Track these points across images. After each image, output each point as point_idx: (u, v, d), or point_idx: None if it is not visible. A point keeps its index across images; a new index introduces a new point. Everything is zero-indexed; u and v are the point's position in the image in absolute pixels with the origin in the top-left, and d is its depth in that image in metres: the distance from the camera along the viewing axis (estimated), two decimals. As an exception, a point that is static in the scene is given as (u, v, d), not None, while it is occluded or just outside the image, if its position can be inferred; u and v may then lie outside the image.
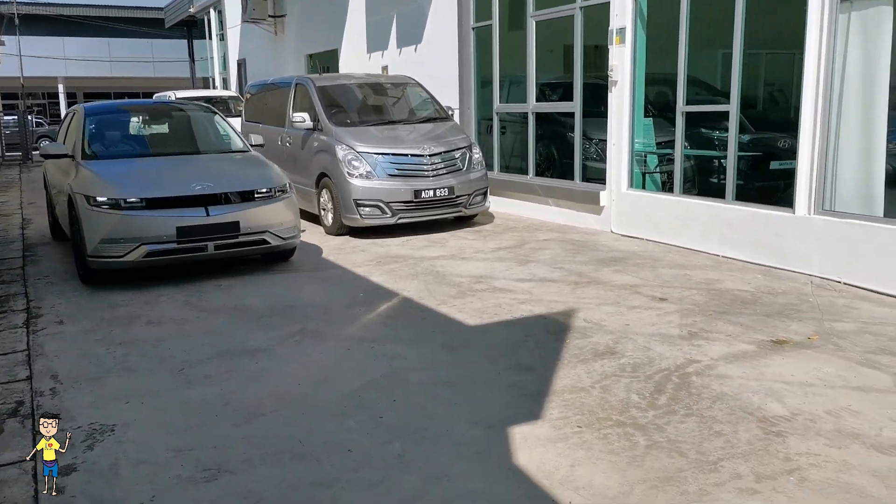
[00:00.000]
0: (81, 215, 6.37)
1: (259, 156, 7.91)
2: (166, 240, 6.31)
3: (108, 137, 7.84)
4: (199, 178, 6.71)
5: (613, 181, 8.63)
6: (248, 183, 6.90)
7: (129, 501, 3.08)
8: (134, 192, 6.42)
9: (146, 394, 4.20)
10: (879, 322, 5.18)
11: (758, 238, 6.92)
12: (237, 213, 6.59)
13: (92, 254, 6.32)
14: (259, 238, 6.73)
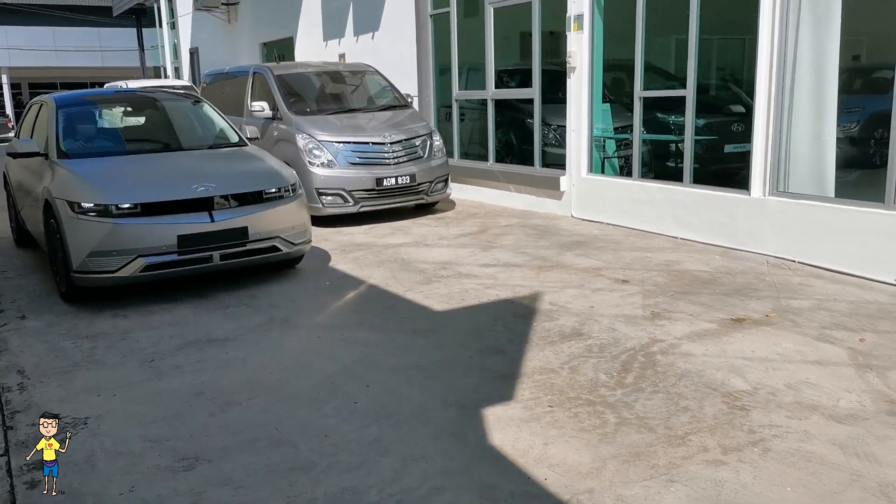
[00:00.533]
0: (64, 224, 5.44)
1: (260, 150, 7.13)
2: (166, 250, 5.45)
3: (86, 132, 6.90)
4: (198, 178, 5.85)
5: (573, 166, 8.75)
6: (256, 182, 6.06)
7: (108, 493, 3.08)
8: (127, 195, 5.52)
9: (117, 386, 4.17)
10: (833, 299, 5.38)
11: (715, 220, 7.10)
12: (245, 218, 5.76)
13: (78, 269, 5.41)
14: (269, 245, 5.91)
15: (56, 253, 5.73)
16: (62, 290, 5.77)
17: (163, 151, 6.72)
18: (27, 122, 7.60)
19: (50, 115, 6.63)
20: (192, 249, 5.54)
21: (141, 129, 7.38)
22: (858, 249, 5.90)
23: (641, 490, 3.00)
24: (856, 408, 3.67)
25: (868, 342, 4.52)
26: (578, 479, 3.10)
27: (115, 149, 6.76)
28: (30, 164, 6.61)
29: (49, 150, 6.29)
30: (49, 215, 5.79)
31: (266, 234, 5.86)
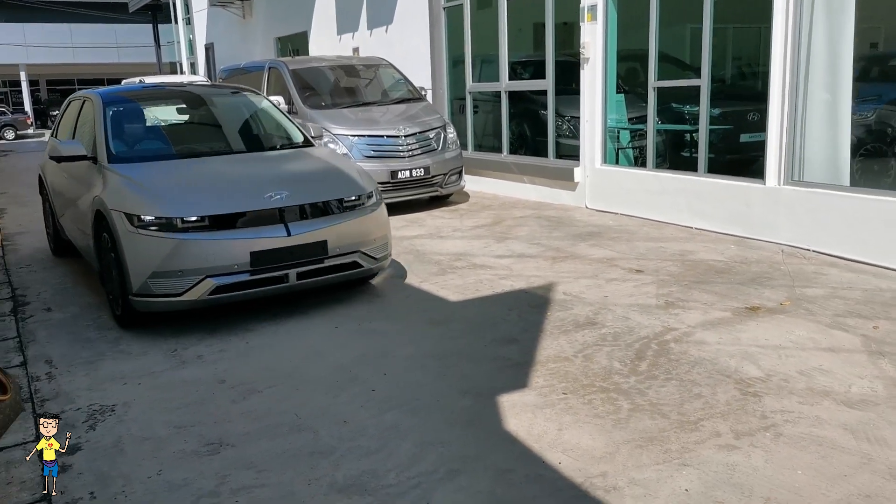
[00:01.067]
0: (122, 240, 4.77)
1: (332, 151, 6.66)
2: (237, 269, 4.77)
3: (137, 133, 6.21)
4: (269, 185, 5.15)
5: (587, 157, 8.79)
6: (334, 189, 5.39)
7: (136, 476, 3.18)
8: (193, 207, 4.85)
9: (142, 375, 4.28)
10: (847, 287, 5.40)
11: (729, 209, 7.12)
12: (324, 231, 5.08)
13: (139, 292, 4.74)
14: (350, 261, 5.23)
15: (109, 271, 5.09)
16: (116, 314, 5.12)
17: (223, 154, 6.05)
18: (66, 121, 6.95)
19: (96, 114, 5.94)
20: (266, 268, 4.85)
21: (196, 128, 6.76)
22: (873, 238, 5.91)
23: (654, 473, 3.06)
24: (867, 393, 3.71)
25: (882, 329, 4.55)
26: (592, 463, 3.16)
27: (170, 151, 6.04)
28: (72, 168, 5.94)
29: (98, 153, 5.60)
30: (101, 228, 5.14)
31: (347, 248, 5.18)
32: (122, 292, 4.88)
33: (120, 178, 5.22)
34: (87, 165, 5.65)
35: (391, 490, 3.02)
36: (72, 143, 5.76)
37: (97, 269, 5.51)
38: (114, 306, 5.16)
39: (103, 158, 5.51)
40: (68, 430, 3.64)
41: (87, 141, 5.88)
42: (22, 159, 19.52)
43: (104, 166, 5.43)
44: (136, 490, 3.08)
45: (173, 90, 7.55)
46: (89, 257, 5.72)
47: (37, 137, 30.38)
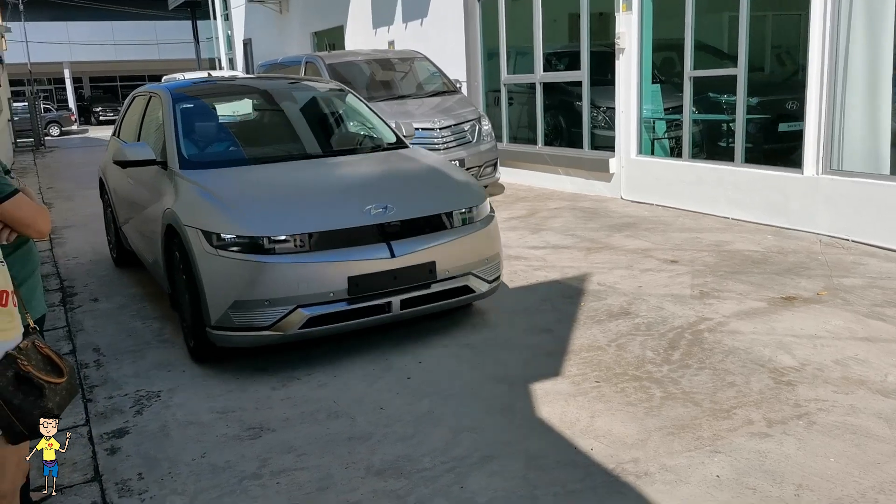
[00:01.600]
0: (198, 262, 4.11)
1: (430, 154, 5.77)
2: (333, 298, 4.07)
3: (213, 134, 5.52)
4: (368, 196, 4.42)
5: (622, 148, 8.76)
6: (443, 199, 4.63)
7: (182, 459, 3.31)
8: (282, 223, 4.13)
9: (186, 363, 4.42)
10: (886, 277, 5.34)
11: (767, 199, 7.06)
12: (432, 250, 4.31)
13: (218, 324, 4.07)
14: (461, 285, 4.48)
15: (182, 295, 4.48)
16: (189, 345, 4.46)
17: (308, 157, 5.28)
18: (130, 120, 6.33)
19: (165, 113, 5.25)
20: (366, 295, 4.16)
21: (276, 127, 5.99)
22: (914, 227, 5.82)
23: (686, 460, 3.10)
24: (904, 383, 3.69)
25: (920, 319, 4.50)
26: (624, 450, 3.21)
27: (249, 155, 5.26)
28: (139, 174, 5.33)
29: (168, 157, 4.94)
30: (173, 245, 4.51)
31: (457, 270, 4.42)
32: (198, 322, 4.20)
33: (195, 187, 4.55)
34: (156, 171, 5.02)
35: (426, 474, 3.10)
36: (138, 146, 5.07)
37: (167, 291, 4.89)
38: (187, 336, 4.50)
39: (174, 164, 4.85)
40: (115, 414, 3.79)
41: (155, 143, 5.27)
42: (66, 155, 20.02)
43: (176, 173, 4.77)
44: (182, 472, 3.20)
45: (247, 84, 6.74)
46: (158, 276, 5.09)
47: (80, 133, 31.10)
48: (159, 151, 5.05)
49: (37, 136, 22.40)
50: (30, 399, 2.23)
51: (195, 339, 4.32)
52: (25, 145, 22.57)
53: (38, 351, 2.29)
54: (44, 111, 29.60)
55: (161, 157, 5.00)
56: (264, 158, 5.12)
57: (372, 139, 5.78)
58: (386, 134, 5.74)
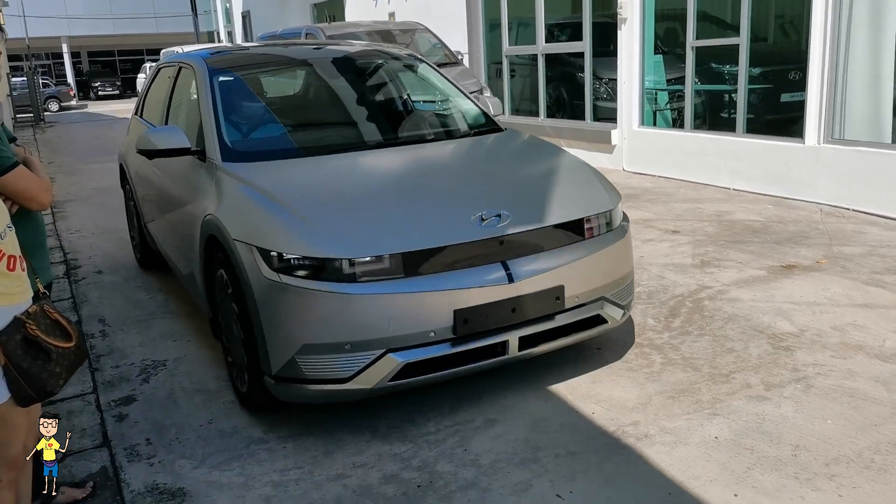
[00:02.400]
0: (255, 291, 3.08)
1: (535, 139, 4.53)
2: (434, 338, 3.07)
3: (261, 116, 4.50)
4: (474, 200, 3.35)
5: (624, 120, 8.75)
6: (570, 204, 3.52)
7: (190, 424, 3.36)
8: (369, 239, 3.11)
9: (191, 333, 4.47)
10: (886, 245, 5.37)
11: (768, 169, 7.06)
12: (559, 271, 3.27)
13: (282, 374, 3.08)
14: (592, 315, 3.44)
15: (229, 328, 3.47)
16: (241, 390, 3.46)
17: (385, 146, 4.16)
18: (155, 97, 5.32)
19: (201, 88, 4.17)
20: (477, 334, 3.13)
21: (341, 107, 4.77)
22: (915, 196, 5.83)
23: (685, 422, 3.15)
24: (902, 348, 3.73)
25: (919, 286, 4.53)
26: (624, 413, 3.26)
27: (312, 143, 4.18)
28: (168, 164, 4.29)
29: (207, 146, 3.87)
30: (215, 261, 3.50)
31: (588, 295, 3.39)
32: (253, 368, 3.21)
33: (246, 188, 3.47)
34: (191, 162, 3.99)
35: (430, 437, 3.15)
36: (167, 132, 4.01)
37: (208, 315, 3.84)
38: (238, 380, 3.49)
39: (215, 154, 3.78)
40: (123, 382, 3.85)
41: (187, 126, 4.28)
42: (67, 130, 19.99)
43: (218, 167, 3.70)
44: (190, 437, 3.26)
45: (300, 52, 5.25)
46: (196, 293, 4.09)
47: (80, 109, 30.99)
48: (194, 137, 4.02)
49: (36, 112, 22.36)
50: (38, 363, 2.27)
51: (250, 385, 3.30)
52: (25, 121, 22.53)
53: (47, 315, 2.33)
54: (42, 86, 29.47)
55: (197, 145, 3.96)
56: (330, 148, 4.02)
57: (457, 121, 4.66)
58: (473, 114, 4.63)
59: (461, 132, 4.49)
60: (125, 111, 25.08)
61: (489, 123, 4.54)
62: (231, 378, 3.64)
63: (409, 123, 4.71)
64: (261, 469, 2.99)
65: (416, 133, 4.50)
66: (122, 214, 6.48)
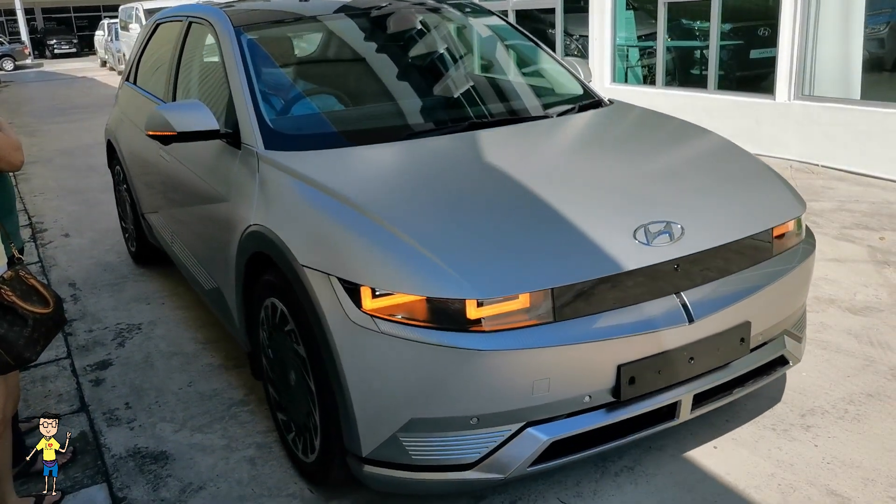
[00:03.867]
0: (338, 342, 2.22)
1: (664, 115, 3.60)
2: (590, 403, 2.25)
3: (313, 88, 3.61)
4: (630, 205, 2.47)
5: (596, 76, 8.70)
6: (755, 211, 2.61)
7: (168, 388, 3.33)
8: (502, 271, 2.17)
9: (165, 295, 4.40)
10: (855, 200, 5.45)
11: (739, 126, 7.10)
12: (748, 303, 2.43)
13: (378, 457, 2.27)
14: (776, 356, 2.64)
15: (284, 376, 2.65)
16: (307, 461, 2.59)
17: (480, 126, 3.13)
18: (153, 60, 4.41)
19: (228, 52, 3.23)
20: (643, 395, 2.32)
21: (411, 73, 3.76)
22: (883, 151, 5.92)
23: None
24: (872, 301, 3.81)
25: (888, 240, 4.62)
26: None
27: (384, 123, 3.22)
28: (184, 148, 3.39)
29: (242, 128, 2.98)
30: (263, 286, 2.67)
31: (772, 331, 2.60)
32: (331, 440, 2.39)
33: (310, 191, 2.55)
34: (219, 148, 3.11)
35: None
36: (190, 109, 2.97)
37: (244, 347, 3.05)
38: (300, 447, 2.64)
39: (254, 139, 2.88)
40: (98, 347, 3.79)
41: (208, 100, 3.40)
42: (24, 90, 19.39)
43: (262, 157, 2.81)
44: (169, 400, 3.23)
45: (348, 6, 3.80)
46: (222, 315, 3.28)
47: (35, 67, 30.04)
48: (221, 117, 3.13)
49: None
50: (15, 329, 2.23)
51: (321, 456, 2.46)
52: (-22, 80, 21.80)
53: (23, 281, 2.27)
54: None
55: (225, 125, 3.06)
56: (409, 130, 3.10)
57: (551, 91, 3.77)
58: (568, 82, 3.72)
59: (561, 107, 3.45)
60: (83, 70, 24.42)
61: (587, 94, 3.60)
62: (284, 439, 2.77)
63: (500, 95, 3.71)
64: (244, 431, 2.97)
65: (513, 108, 3.49)
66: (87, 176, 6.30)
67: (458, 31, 4.08)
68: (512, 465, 2.20)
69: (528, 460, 2.20)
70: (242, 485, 2.64)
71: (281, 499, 2.56)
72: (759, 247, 2.53)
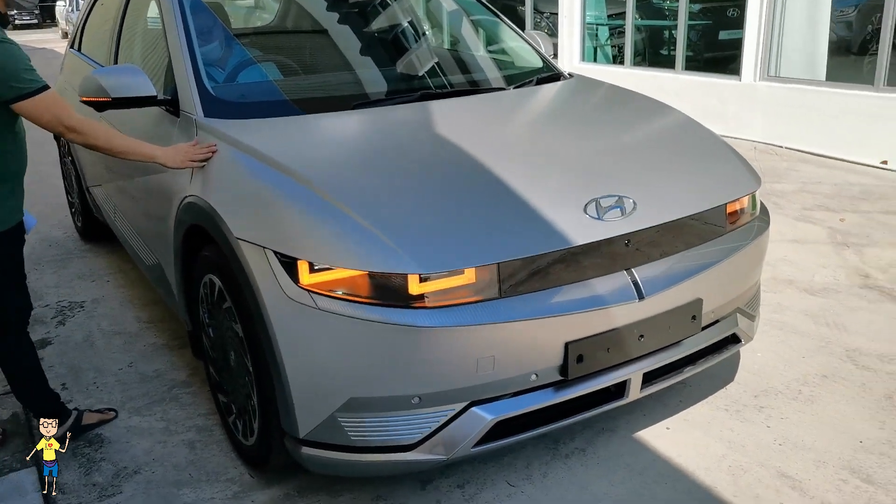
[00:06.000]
0: (274, 320, 2.11)
1: (628, 91, 3.52)
2: (537, 382, 2.17)
3: (256, 54, 3.45)
4: (581, 178, 2.43)
5: (565, 55, 8.62)
6: (709, 185, 2.58)
7: (108, 368, 3.20)
8: (446, 245, 2.08)
9: (111, 272, 4.25)
10: (817, 182, 5.44)
11: (705, 107, 7.06)
12: (699, 280, 2.36)
13: (315, 438, 2.17)
14: (729, 334, 2.59)
15: (224, 356, 2.55)
16: (245, 443, 2.51)
17: (432, 97, 3.07)
18: (97, 26, 4.24)
19: (169, 15, 3.04)
20: (592, 374, 2.25)
21: (362, 41, 3.70)
22: (846, 133, 5.91)
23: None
24: (830, 282, 3.79)
25: (848, 222, 4.61)
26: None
27: (331, 91, 3.14)
28: (123, 116, 3.11)
29: (181, 94, 2.83)
30: (201, 262, 2.56)
31: (724, 309, 2.54)
32: (269, 421, 2.29)
33: (247, 159, 2.43)
34: (158, 116, 2.97)
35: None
36: (124, 74, 2.76)
37: (186, 325, 2.92)
38: (240, 429, 2.54)
39: (194, 106, 2.74)
40: (38, 325, 3.64)
41: (148, 65, 3.24)
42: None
43: (200, 125, 2.68)
44: (108, 381, 3.10)
45: None
46: (165, 294, 3.14)
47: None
48: (159, 82, 3.01)
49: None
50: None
51: (260, 439, 2.37)
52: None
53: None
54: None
55: (164, 92, 2.94)
56: (358, 99, 2.99)
57: (508, 63, 3.68)
58: (528, 55, 3.63)
59: (516, 79, 3.39)
60: (44, 41, 23.75)
61: (546, 68, 3.53)
62: (225, 422, 2.67)
63: (455, 67, 3.61)
64: (184, 413, 2.86)
65: (468, 80, 3.42)
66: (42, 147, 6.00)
67: (415, 2, 4.01)
68: (455, 445, 2.12)
69: (472, 440, 2.13)
70: (179, 469, 2.54)
71: (219, 484, 2.47)
72: (713, 223, 2.48)
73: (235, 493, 2.42)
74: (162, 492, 2.43)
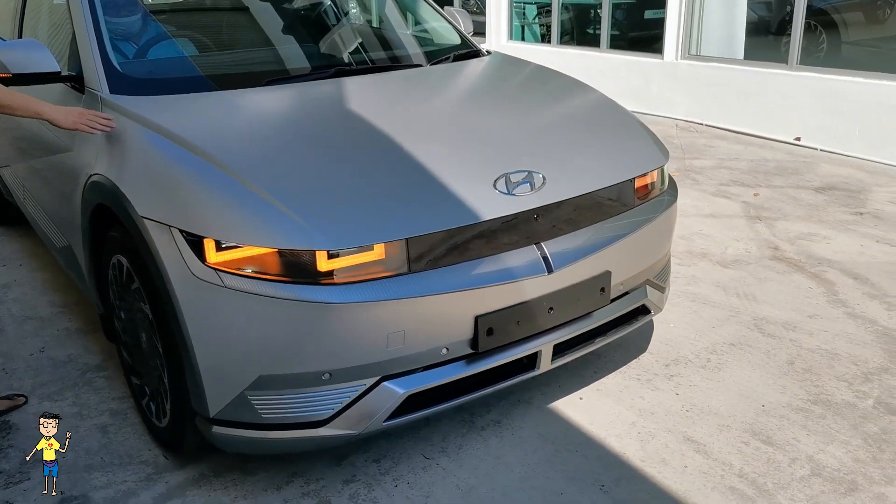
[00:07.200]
0: (181, 299, 2.09)
1: (533, 64, 3.57)
2: (448, 356, 2.20)
3: (165, 29, 3.29)
4: (492, 154, 2.44)
5: (493, 34, 8.65)
6: (614, 159, 2.63)
7: (18, 354, 3.11)
8: (354, 221, 2.09)
9: (23, 256, 4.11)
10: (734, 158, 5.61)
11: (630, 86, 7.19)
12: (608, 253, 2.42)
13: (226, 417, 2.15)
14: (638, 305, 2.66)
15: (134, 337, 2.51)
16: (159, 425, 2.47)
17: (344, 74, 3.06)
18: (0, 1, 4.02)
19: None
20: (502, 346, 2.28)
21: (272, 17, 3.60)
22: (762, 110, 6.10)
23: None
24: (742, 254, 3.92)
25: (762, 196, 4.77)
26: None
27: (241, 67, 3.11)
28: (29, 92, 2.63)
29: (86, 70, 2.74)
30: (109, 242, 2.52)
31: (633, 281, 2.60)
32: (180, 401, 2.26)
33: (152, 136, 2.38)
34: (63, 93, 2.85)
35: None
36: (25, 48, 2.64)
37: (98, 309, 2.85)
38: (153, 411, 2.50)
39: (98, 81, 2.67)
40: None
41: (53, 41, 3.15)
42: None
43: (105, 101, 2.61)
44: (18, 367, 3.02)
45: None
46: (76, 277, 3.03)
47: None
48: (64, 59, 2.91)
49: None
50: None
51: (173, 421, 2.34)
52: None
53: None
54: None
55: (69, 68, 2.85)
56: (268, 75, 2.94)
57: (424, 40, 3.65)
58: (445, 32, 3.62)
59: (434, 56, 3.39)
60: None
61: (465, 44, 3.53)
62: (139, 405, 2.62)
63: (371, 43, 3.56)
64: (98, 398, 2.80)
65: (384, 56, 3.45)
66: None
67: None
68: (367, 420, 2.14)
69: (383, 415, 2.15)
70: (91, 454, 2.49)
71: (133, 467, 2.43)
72: (621, 197, 2.54)
73: (149, 475, 2.39)
74: (72, 477, 2.39)
